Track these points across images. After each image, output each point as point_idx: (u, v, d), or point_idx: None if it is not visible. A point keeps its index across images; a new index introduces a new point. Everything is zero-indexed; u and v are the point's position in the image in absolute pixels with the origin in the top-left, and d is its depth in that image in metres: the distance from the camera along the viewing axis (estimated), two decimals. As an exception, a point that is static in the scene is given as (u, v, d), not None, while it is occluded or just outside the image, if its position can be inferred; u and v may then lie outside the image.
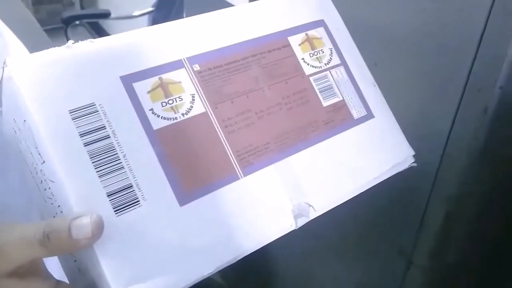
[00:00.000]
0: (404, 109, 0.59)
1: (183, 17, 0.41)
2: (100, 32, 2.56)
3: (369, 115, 0.43)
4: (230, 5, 0.44)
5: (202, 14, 0.40)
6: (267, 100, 0.39)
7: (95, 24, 2.50)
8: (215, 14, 0.41)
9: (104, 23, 2.52)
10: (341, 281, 0.82)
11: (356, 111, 0.42)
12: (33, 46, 0.48)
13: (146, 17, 1.65)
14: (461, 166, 0.60)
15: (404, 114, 0.59)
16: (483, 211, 0.64)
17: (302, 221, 0.37)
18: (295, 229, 0.38)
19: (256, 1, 0.42)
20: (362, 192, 0.60)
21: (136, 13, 1.59)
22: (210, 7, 0.43)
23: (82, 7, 2.82)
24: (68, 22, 1.62)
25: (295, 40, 0.42)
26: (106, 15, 1.63)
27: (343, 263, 0.81)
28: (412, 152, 0.44)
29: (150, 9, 1.58)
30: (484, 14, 0.52)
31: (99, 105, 0.33)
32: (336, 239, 0.79)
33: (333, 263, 0.82)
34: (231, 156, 0.36)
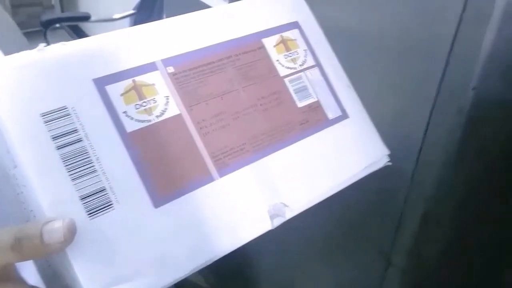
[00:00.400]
0: (380, 111, 0.59)
1: (163, 19, 0.41)
2: (81, 35, 2.53)
3: (344, 116, 0.43)
4: (210, 7, 0.44)
5: (177, 16, 0.41)
6: (242, 101, 0.39)
7: (76, 27, 2.48)
8: (190, 16, 0.41)
9: (84, 26, 2.50)
10: (321, 281, 0.82)
11: (331, 112, 0.43)
12: (12, 49, 0.47)
13: (127, 20, 1.64)
14: (437, 167, 0.61)
15: (380, 115, 0.60)
16: (460, 211, 0.65)
17: (278, 221, 0.38)
18: (271, 229, 0.38)
19: (231, 3, 0.43)
20: (341, 193, 0.60)
21: (116, 16, 1.58)
22: (189, 9, 0.43)
23: (62, 10, 2.79)
24: (47, 25, 1.60)
25: (269, 42, 0.42)
26: (85, 18, 1.61)
27: (324, 264, 0.81)
28: (387, 152, 0.44)
29: (131, 11, 1.57)
30: (456, 17, 0.53)
31: (72, 108, 0.33)
32: (316, 239, 0.80)
33: (313, 264, 0.83)
34: (207, 157, 0.36)
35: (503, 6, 0.50)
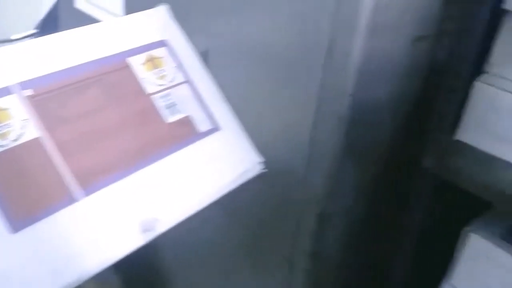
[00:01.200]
0: (268, 121, 0.62)
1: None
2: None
3: (216, 128, 0.45)
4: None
5: (40, 37, 0.40)
6: (108, 120, 0.39)
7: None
8: (54, 37, 0.41)
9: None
10: (227, 289, 0.84)
11: (202, 125, 0.44)
12: None
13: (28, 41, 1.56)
14: (325, 170, 0.65)
15: (269, 125, 0.62)
16: (352, 210, 0.69)
17: (149, 236, 0.38)
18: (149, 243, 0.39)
19: (96, 24, 0.43)
20: (242, 202, 0.61)
21: (15, 36, 1.50)
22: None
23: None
24: None
25: (136, 61, 0.43)
26: (-19, 39, 1.52)
27: (230, 271, 0.82)
28: (259, 160, 0.47)
29: (33, 31, 1.50)
30: (327, 29, 0.56)
31: None
32: (221, 247, 0.81)
33: (218, 271, 0.84)
34: (70, 178, 0.36)
35: (367, 20, 0.54)
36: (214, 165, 0.43)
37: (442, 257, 0.71)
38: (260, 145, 0.64)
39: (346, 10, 0.54)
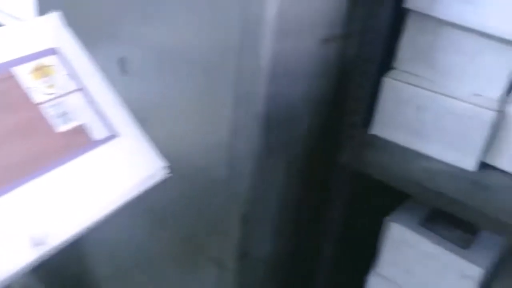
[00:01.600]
0: (187, 124, 0.62)
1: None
2: None
3: (113, 135, 0.44)
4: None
5: None
6: (-8, 133, 0.38)
7: None
8: None
9: None
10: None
11: (98, 133, 0.43)
12: None
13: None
14: (247, 171, 0.65)
15: (188, 129, 0.62)
16: (276, 210, 0.70)
17: (41, 250, 0.37)
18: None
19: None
20: (169, 206, 0.60)
21: None
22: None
23: None
24: None
25: (22, 70, 0.41)
26: None
27: (160, 276, 0.82)
28: (163, 164, 0.46)
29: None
30: (237, 29, 0.57)
31: None
32: (151, 253, 0.80)
33: (149, 277, 0.83)
34: None
35: (272, 23, 0.55)
36: (112, 173, 0.42)
37: (368, 248, 0.74)
38: (181, 149, 0.63)
39: (253, 13, 0.55)
